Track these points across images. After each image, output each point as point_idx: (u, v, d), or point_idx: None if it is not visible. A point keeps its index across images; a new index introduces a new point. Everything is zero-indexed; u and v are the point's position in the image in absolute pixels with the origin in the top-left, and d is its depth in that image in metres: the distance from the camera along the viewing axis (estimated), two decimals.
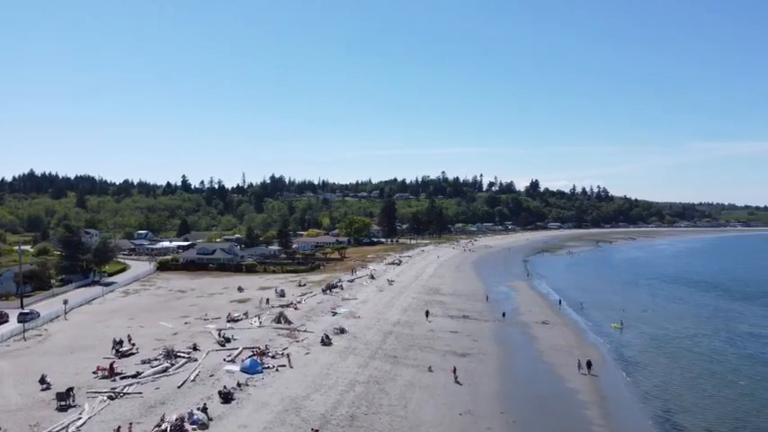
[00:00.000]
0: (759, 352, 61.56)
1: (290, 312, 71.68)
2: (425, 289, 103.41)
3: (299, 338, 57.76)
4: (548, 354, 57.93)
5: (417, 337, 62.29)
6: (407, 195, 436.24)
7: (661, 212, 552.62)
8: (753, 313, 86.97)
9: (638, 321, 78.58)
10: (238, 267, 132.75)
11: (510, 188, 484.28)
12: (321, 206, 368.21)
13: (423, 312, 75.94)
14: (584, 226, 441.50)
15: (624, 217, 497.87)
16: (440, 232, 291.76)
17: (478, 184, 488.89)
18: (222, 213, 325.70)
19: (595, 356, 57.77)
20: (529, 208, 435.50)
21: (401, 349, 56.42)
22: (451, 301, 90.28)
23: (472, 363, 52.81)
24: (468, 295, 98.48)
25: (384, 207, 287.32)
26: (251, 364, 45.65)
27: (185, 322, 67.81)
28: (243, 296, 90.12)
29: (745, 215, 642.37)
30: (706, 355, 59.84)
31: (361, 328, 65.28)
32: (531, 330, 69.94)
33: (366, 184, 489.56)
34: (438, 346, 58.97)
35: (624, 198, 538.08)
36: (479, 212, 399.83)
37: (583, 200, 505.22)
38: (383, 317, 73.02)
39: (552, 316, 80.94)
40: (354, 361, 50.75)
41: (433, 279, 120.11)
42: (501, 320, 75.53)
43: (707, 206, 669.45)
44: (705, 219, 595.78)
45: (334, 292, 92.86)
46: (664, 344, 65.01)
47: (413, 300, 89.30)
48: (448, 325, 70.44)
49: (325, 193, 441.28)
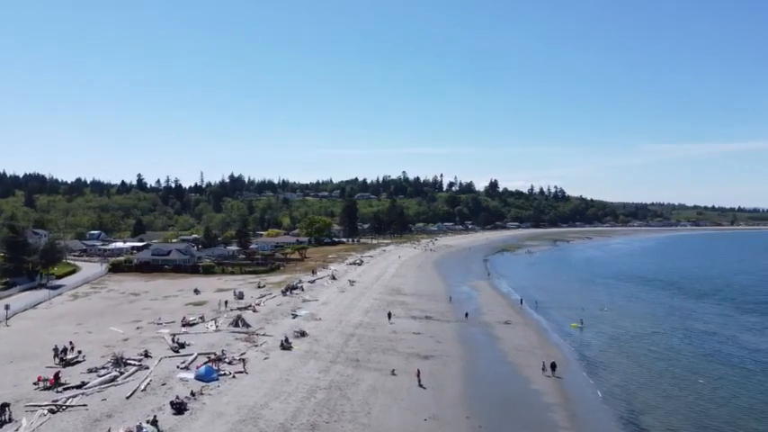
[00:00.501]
0: (714, 350, 62.46)
1: (249, 315, 69.23)
2: (387, 289, 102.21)
3: (257, 343, 55.59)
4: (511, 354, 57.40)
5: (380, 340, 60.93)
6: (369, 195, 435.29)
7: (615, 212, 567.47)
8: (706, 311, 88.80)
9: (597, 320, 79.18)
10: (195, 269, 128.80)
11: (470, 188, 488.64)
12: (281, 206, 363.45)
13: (385, 314, 74.61)
14: (542, 225, 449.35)
15: (580, 217, 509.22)
16: (401, 232, 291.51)
17: (439, 184, 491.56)
18: (179, 213, 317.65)
19: (558, 357, 57.52)
20: (488, 208, 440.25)
21: (363, 352, 54.94)
22: (414, 302, 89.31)
23: (436, 365, 51.77)
24: (431, 295, 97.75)
25: (345, 207, 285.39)
26: (206, 371, 43.35)
27: (137, 327, 64.61)
28: (199, 299, 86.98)
29: (694, 215, 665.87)
30: (664, 354, 60.34)
31: (322, 330, 63.52)
32: (493, 331, 69.46)
33: (327, 183, 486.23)
34: (401, 348, 57.74)
35: (580, 198, 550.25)
36: (440, 212, 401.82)
37: (540, 200, 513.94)
38: (345, 319, 71.40)
39: (514, 316, 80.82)
40: (315, 365, 49.01)
41: (395, 279, 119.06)
42: (464, 321, 74.90)
43: (658, 206, 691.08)
44: (657, 218, 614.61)
45: (295, 293, 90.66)
46: (623, 343, 65.42)
47: (375, 301, 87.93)
48: (411, 326, 69.34)
49: (286, 192, 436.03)
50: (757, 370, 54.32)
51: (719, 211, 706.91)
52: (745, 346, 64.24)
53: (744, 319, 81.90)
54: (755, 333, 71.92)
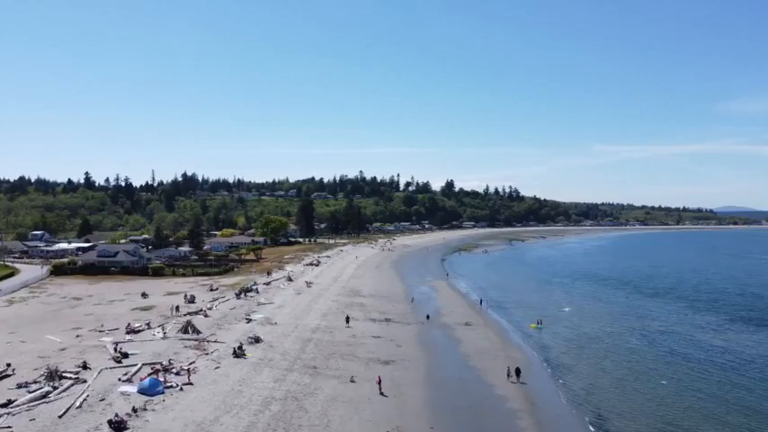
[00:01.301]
0: (673, 350, 62.50)
1: (200, 320, 65.65)
2: (345, 291, 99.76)
3: (208, 350, 52.29)
4: (474, 358, 55.90)
5: (338, 344, 58.51)
6: (325, 195, 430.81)
7: (568, 212, 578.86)
8: (661, 310, 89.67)
9: (556, 320, 78.83)
10: (144, 271, 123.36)
11: (426, 188, 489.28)
12: (236, 205, 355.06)
13: (343, 316, 72.14)
14: (498, 225, 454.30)
15: (534, 216, 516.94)
16: (358, 232, 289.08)
17: (396, 184, 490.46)
18: (129, 213, 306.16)
19: (521, 359, 56.46)
20: (445, 207, 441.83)
21: (321, 358, 52.42)
22: (373, 304, 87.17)
23: (397, 371, 49.74)
24: (390, 296, 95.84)
25: (302, 206, 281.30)
26: (150, 384, 39.97)
27: (77, 335, 60.08)
28: (147, 303, 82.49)
29: (642, 215, 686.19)
30: (625, 355, 59.96)
31: (277, 335, 60.61)
32: (455, 333, 67.96)
33: (283, 182, 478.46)
34: (360, 353, 55.49)
35: (534, 198, 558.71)
36: (397, 212, 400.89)
37: (496, 200, 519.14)
38: (302, 322, 68.63)
39: (474, 316, 79.68)
40: (270, 374, 46.21)
41: (353, 280, 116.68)
42: (424, 323, 73.22)
43: (608, 206, 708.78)
44: (607, 218, 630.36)
45: (249, 296, 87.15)
46: (584, 344, 64.89)
47: (333, 303, 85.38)
48: (370, 329, 67.18)
49: (241, 191, 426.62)
50: (714, 370, 54.30)
51: (666, 210, 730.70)
52: (701, 346, 64.57)
53: (698, 317, 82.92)
54: (710, 332, 72.62)
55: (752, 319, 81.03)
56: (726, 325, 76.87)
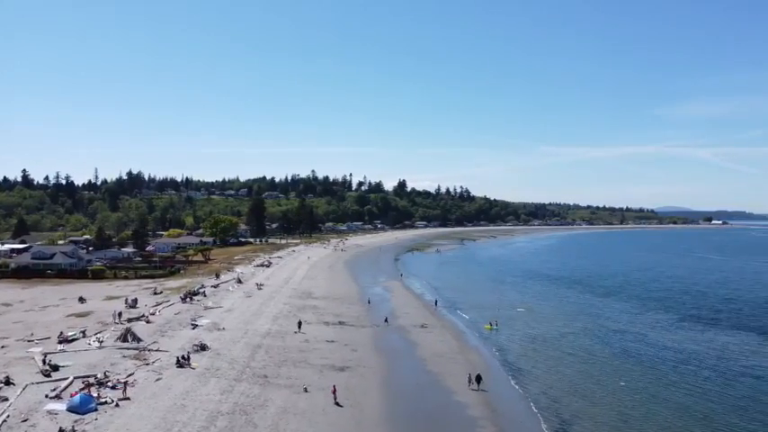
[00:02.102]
0: (628, 350, 62.50)
1: (141, 327, 61.47)
2: (297, 293, 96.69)
3: (149, 360, 48.52)
4: (432, 362, 54.14)
5: (290, 350, 55.70)
6: (277, 194, 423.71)
7: (517, 212, 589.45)
8: (613, 309, 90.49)
9: (511, 321, 78.20)
10: (83, 273, 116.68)
11: (379, 188, 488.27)
12: (184, 205, 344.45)
13: (296, 320, 69.21)
14: (449, 225, 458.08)
15: (485, 216, 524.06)
16: (310, 231, 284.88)
17: (348, 184, 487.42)
18: (71, 212, 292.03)
19: (479, 362, 55.26)
20: (397, 207, 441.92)
21: (272, 366, 49.54)
22: (326, 306, 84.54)
23: (353, 378, 47.43)
24: (343, 298, 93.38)
25: (252, 206, 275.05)
26: (82, 401, 36.20)
27: (2, 346, 54.81)
28: (84, 308, 77.19)
29: (588, 214, 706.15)
30: (582, 356, 59.44)
31: (225, 342, 57.24)
32: (411, 336, 66.15)
33: (234, 181, 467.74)
34: (314, 359, 52.90)
35: (484, 198, 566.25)
36: (349, 211, 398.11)
37: (447, 200, 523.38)
38: (251, 327, 65.34)
39: (430, 318, 78.19)
40: (217, 385, 43.06)
41: (306, 281, 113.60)
42: (379, 326, 71.12)
43: (556, 206, 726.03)
44: (555, 218, 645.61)
45: (196, 300, 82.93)
46: (540, 345, 64.16)
47: (284, 306, 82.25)
48: (323, 333, 64.60)
49: (189, 190, 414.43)
50: (668, 370, 54.22)
51: (610, 210, 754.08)
52: (654, 345, 64.85)
53: (648, 316, 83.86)
54: (661, 331, 73.26)
55: (700, 317, 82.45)
56: (676, 324, 77.88)
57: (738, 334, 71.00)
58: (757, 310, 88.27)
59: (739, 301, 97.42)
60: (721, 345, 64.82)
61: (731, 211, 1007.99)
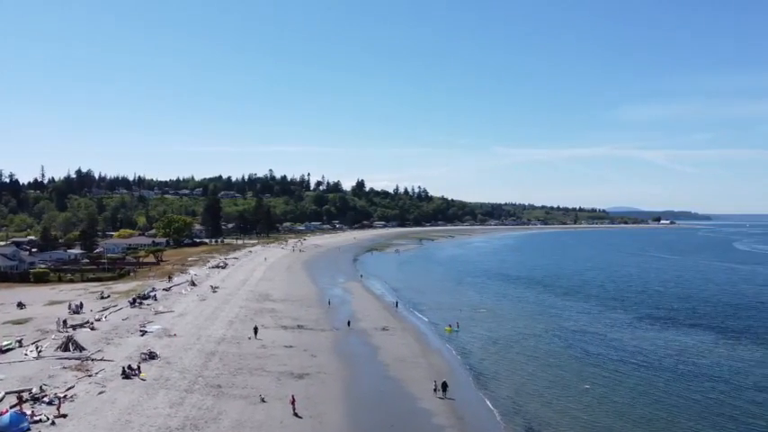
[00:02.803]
0: (590, 351, 62.14)
1: (85, 334, 57.67)
2: (254, 295, 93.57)
3: (92, 371, 45.08)
4: (394, 367, 52.39)
5: (246, 357, 53.03)
6: (233, 194, 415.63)
7: (474, 212, 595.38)
8: (572, 309, 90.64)
9: (472, 322, 77.33)
10: (24, 277, 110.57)
11: (337, 188, 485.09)
12: (137, 204, 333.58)
13: (252, 324, 66.37)
14: (407, 224, 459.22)
15: (442, 216, 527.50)
16: (268, 232, 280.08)
17: (306, 183, 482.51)
18: (15, 212, 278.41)
19: (442, 366, 53.90)
20: (355, 207, 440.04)
21: (227, 375, 46.82)
22: (284, 309, 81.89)
23: (312, 386, 45.22)
24: (302, 300, 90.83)
25: (208, 205, 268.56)
26: (12, 420, 32.80)
27: None
28: (23, 315, 72.29)
29: (542, 214, 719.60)
30: (545, 358, 58.69)
31: (177, 349, 54.11)
32: (372, 339, 64.30)
33: (189, 181, 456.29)
34: (271, 366, 50.41)
35: (442, 198, 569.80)
36: (308, 211, 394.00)
37: (405, 199, 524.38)
38: (205, 333, 62.24)
39: (391, 320, 76.54)
40: (166, 397, 40.17)
41: (263, 283, 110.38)
42: (339, 329, 69.04)
43: (511, 206, 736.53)
44: (511, 218, 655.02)
45: (146, 304, 79.01)
46: (503, 347, 63.25)
47: (240, 309, 79.18)
48: (281, 338, 62.09)
49: (142, 189, 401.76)
50: (629, 372, 53.85)
51: (564, 210, 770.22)
52: (615, 346, 64.70)
53: (607, 316, 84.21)
54: (621, 331, 73.31)
55: (658, 317, 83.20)
56: (634, 323, 78.31)
57: (695, 333, 71.73)
58: (711, 309, 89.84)
59: (693, 300, 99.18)
60: (679, 345, 65.21)
61: (677, 212, 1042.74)
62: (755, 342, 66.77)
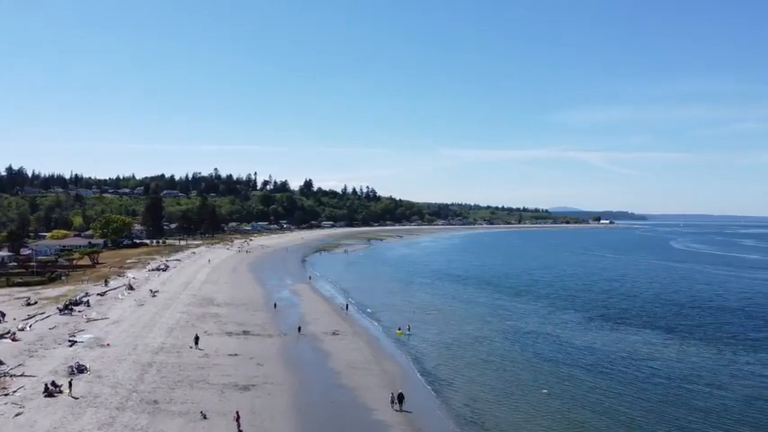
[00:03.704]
0: (544, 353, 61.34)
1: (4, 346, 52.37)
2: (197, 299, 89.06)
3: (9, 389, 40.51)
4: (346, 375, 49.86)
5: (187, 368, 49.34)
6: (177, 193, 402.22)
7: (422, 212, 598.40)
8: (523, 309, 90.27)
9: (424, 325, 75.67)
10: None
11: (284, 187, 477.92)
12: (73, 203, 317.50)
13: (194, 331, 62.50)
14: (356, 224, 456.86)
15: (390, 216, 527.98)
16: (213, 232, 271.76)
17: (253, 183, 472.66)
18: None
19: (396, 373, 51.88)
20: (303, 207, 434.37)
21: (165, 388, 43.15)
22: (229, 313, 78.00)
23: (259, 398, 42.18)
24: (248, 304, 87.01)
25: (149, 205, 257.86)
26: None
27: None
28: None
29: (488, 214, 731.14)
30: (500, 362, 57.35)
31: (109, 361, 49.82)
32: (322, 345, 61.56)
33: (129, 179, 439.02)
34: (214, 377, 46.99)
35: (390, 198, 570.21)
36: (254, 211, 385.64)
37: (354, 199, 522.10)
38: (142, 342, 57.94)
39: (342, 324, 73.97)
40: (95, 417, 36.33)
41: (207, 286, 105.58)
42: (288, 334, 65.91)
43: (458, 206, 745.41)
44: (458, 218, 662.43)
45: (77, 311, 73.45)
46: (457, 351, 61.68)
47: (181, 315, 74.82)
48: (226, 346, 58.51)
49: (79, 188, 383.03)
50: (584, 373, 53.40)
51: (508, 210, 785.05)
52: (568, 347, 64.40)
53: (558, 316, 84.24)
54: (573, 332, 73.04)
55: (607, 316, 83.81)
56: (585, 323, 78.47)
57: (644, 333, 72.28)
58: (657, 308, 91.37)
59: (639, 299, 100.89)
60: (630, 345, 65.32)
61: (615, 212, 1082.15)
62: (703, 341, 67.71)
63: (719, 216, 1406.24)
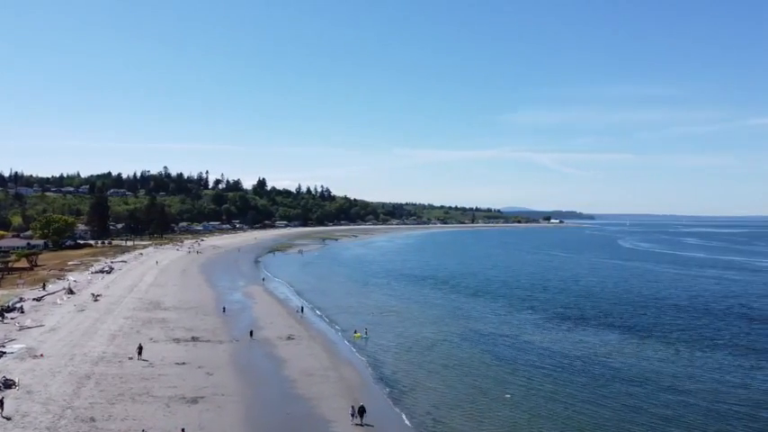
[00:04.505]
0: (504, 355, 60.25)
1: None
2: (143, 303, 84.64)
3: None
4: (302, 383, 47.36)
5: (129, 379, 45.86)
6: (124, 192, 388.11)
7: (376, 211, 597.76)
8: (481, 310, 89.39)
9: (381, 327, 73.89)
10: None
11: (237, 186, 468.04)
12: (12, 202, 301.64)
13: (139, 338, 58.84)
14: (310, 224, 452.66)
15: (345, 215, 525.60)
16: (162, 232, 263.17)
17: (204, 182, 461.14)
18: None
19: (354, 379, 49.83)
20: (257, 206, 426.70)
21: (104, 404, 39.69)
22: (177, 318, 74.17)
23: (208, 411, 39.31)
24: (198, 308, 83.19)
25: (94, 204, 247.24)
26: None
27: None
28: None
29: (442, 214, 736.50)
30: (461, 366, 55.73)
31: (42, 374, 45.78)
32: (277, 350, 58.83)
33: (74, 177, 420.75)
34: (159, 389, 43.73)
35: (345, 198, 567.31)
36: (206, 211, 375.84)
37: (308, 199, 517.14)
38: (80, 351, 53.84)
39: (297, 328, 71.37)
40: None
41: (154, 289, 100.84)
42: (240, 340, 62.86)
43: (412, 206, 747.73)
44: (412, 217, 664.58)
45: (9, 317, 68.12)
46: (416, 355, 59.92)
47: (125, 320, 70.61)
48: (173, 354, 55.06)
49: (19, 186, 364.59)
50: (545, 376, 52.49)
51: (462, 210, 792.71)
52: (528, 349, 63.60)
53: (516, 317, 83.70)
54: (531, 332, 72.59)
55: (565, 316, 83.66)
56: (543, 324, 78.00)
57: (601, 333, 72.15)
58: (612, 307, 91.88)
59: (594, 298, 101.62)
60: (589, 345, 64.97)
61: (565, 211, 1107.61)
62: (660, 340, 67.80)
63: (662, 216, 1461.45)
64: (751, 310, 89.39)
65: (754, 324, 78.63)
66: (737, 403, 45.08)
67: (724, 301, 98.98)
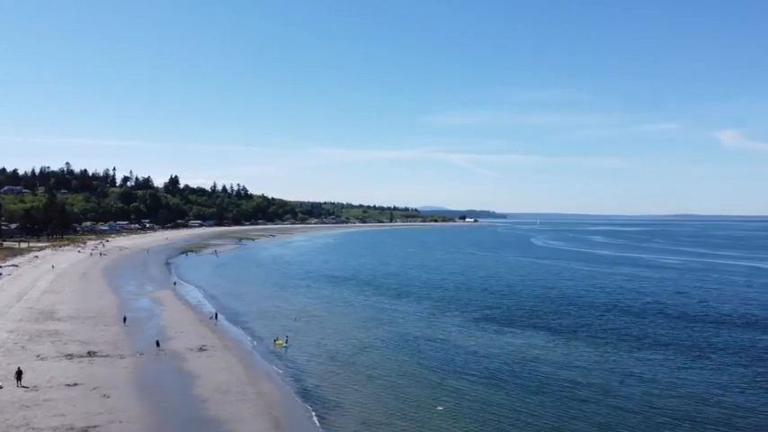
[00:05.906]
0: (434, 363, 57.25)
1: None
2: (33, 313, 75.69)
3: None
4: (215, 403, 42.39)
5: (6, 408, 39.11)
6: (20, 189, 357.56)
7: (294, 210, 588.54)
8: (406, 313, 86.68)
9: (303, 334, 69.68)
10: None
11: (147, 184, 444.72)
12: None
13: (24, 354, 51.51)
14: (226, 224, 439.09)
15: (263, 214, 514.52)
16: (62, 233, 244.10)
17: (111, 179, 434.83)
18: None
19: (273, 395, 45.42)
20: (168, 205, 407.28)
21: None
22: (72, 330, 66.39)
23: None
24: (98, 317, 75.36)
25: None
26: None
27: None
28: None
29: (360, 213, 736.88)
30: (389, 376, 52.36)
31: None
32: (187, 364, 53.25)
33: None
34: (42, 419, 37.40)
35: (262, 196, 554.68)
36: (112, 210, 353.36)
37: (224, 198, 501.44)
38: None
39: (210, 337, 65.77)
40: None
41: (47, 296, 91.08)
42: (144, 353, 56.61)
43: (331, 205, 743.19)
44: (331, 216, 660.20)
45: None
46: (342, 366, 55.85)
47: (9, 334, 62.20)
48: (63, 373, 48.24)
49: None
50: (479, 384, 50.58)
51: (380, 209, 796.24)
52: (457, 354, 61.44)
53: (442, 319, 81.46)
54: (459, 335, 70.57)
55: (490, 318, 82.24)
56: (469, 327, 76.12)
57: (528, 335, 71.02)
58: (535, 306, 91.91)
59: (515, 297, 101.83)
60: (517, 348, 63.42)
61: (479, 210, 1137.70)
62: (585, 341, 67.23)
63: (570, 215, 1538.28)
64: (666, 307, 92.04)
65: (672, 321, 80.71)
66: (669, 405, 44.60)
67: (640, 298, 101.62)
